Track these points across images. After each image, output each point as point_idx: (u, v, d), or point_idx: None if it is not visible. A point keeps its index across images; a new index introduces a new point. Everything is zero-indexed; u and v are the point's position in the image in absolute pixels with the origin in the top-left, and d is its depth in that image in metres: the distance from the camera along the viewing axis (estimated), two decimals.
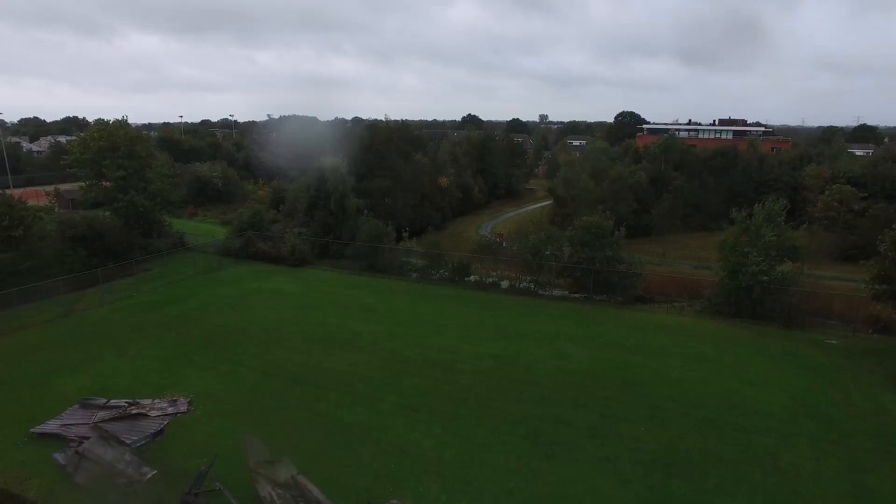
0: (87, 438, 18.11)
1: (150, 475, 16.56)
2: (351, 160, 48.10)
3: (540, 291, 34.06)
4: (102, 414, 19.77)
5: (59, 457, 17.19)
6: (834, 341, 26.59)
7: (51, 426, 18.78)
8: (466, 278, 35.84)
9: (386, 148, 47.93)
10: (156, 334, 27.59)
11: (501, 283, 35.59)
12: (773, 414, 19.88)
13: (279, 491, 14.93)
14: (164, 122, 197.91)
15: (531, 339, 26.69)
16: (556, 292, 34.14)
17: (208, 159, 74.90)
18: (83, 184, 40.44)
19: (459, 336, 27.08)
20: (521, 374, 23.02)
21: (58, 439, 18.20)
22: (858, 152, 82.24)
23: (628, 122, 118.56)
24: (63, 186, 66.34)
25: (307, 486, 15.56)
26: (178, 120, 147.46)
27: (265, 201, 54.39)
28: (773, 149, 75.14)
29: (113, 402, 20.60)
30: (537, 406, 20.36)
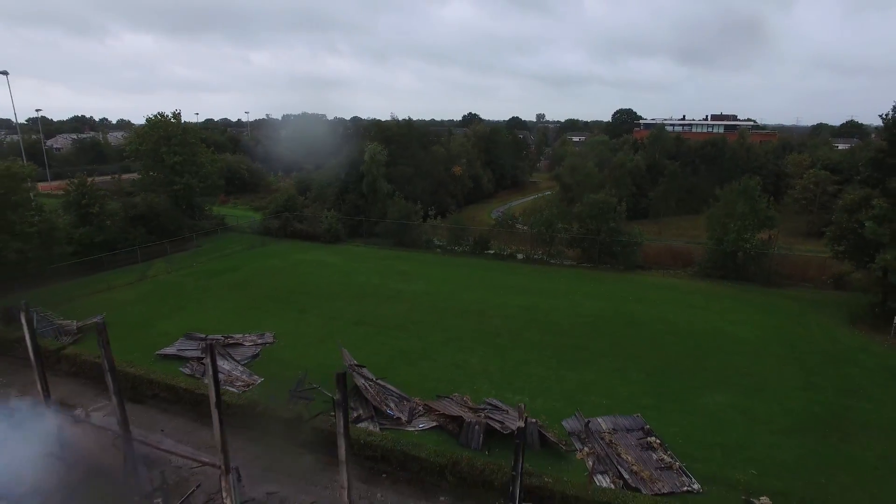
0: (202, 358, 22.74)
1: (259, 381, 21.21)
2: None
3: (551, 261, 38.78)
4: (205, 343, 24.36)
5: (186, 369, 21.81)
6: (803, 295, 31.45)
7: (170, 350, 23.37)
8: (486, 251, 40.51)
9: (407, 139, 52.54)
10: (224, 293, 32.14)
11: (517, 254, 40.28)
12: (749, 342, 24.68)
13: (370, 382, 19.59)
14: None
15: (548, 294, 31.40)
16: (565, 262, 38.86)
17: (231, 153, 79.24)
18: (139, 173, 45.12)
19: (486, 292, 31.75)
20: (543, 317, 27.71)
21: (178, 358, 22.80)
22: (843, 146, 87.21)
23: (626, 120, 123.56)
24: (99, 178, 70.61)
25: (386, 385, 20.25)
26: (190, 119, 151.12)
27: (290, 190, 58.77)
28: (760, 141, 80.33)
29: (210, 336, 25.19)
30: (559, 338, 25.05)
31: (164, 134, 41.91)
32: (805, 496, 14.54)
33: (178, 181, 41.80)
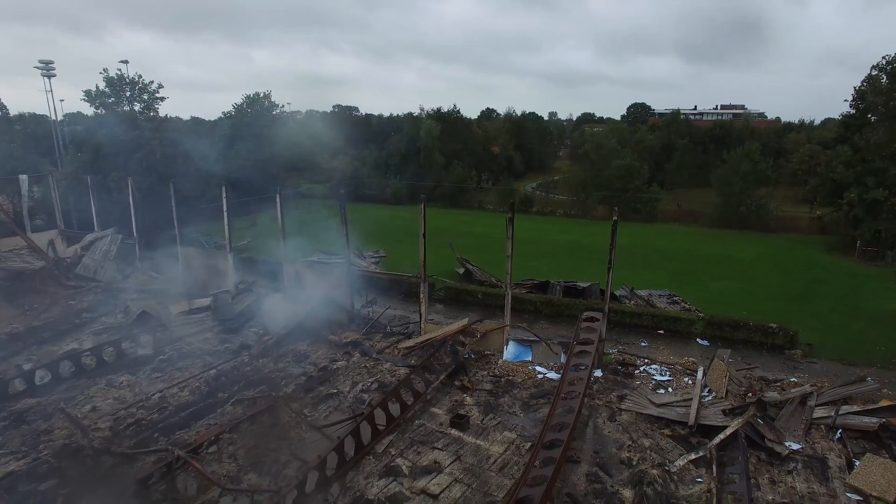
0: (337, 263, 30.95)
1: (389, 279, 29.34)
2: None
3: (585, 216, 46.73)
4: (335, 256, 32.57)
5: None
6: (793, 238, 39.24)
7: (313, 259, 31.63)
8: (530, 209, 48.53)
9: (455, 120, 60.66)
10: (330, 234, 40.36)
11: (556, 212, 48.27)
12: (746, 260, 32.59)
13: (475, 267, 27.72)
14: (190, 118, 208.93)
15: (586, 234, 39.42)
16: (597, 217, 46.78)
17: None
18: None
19: (538, 232, 39.75)
20: (586, 246, 35.69)
21: (320, 264, 31.02)
22: None
23: (640, 112, 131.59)
24: None
25: (483, 271, 28.33)
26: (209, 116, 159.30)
27: (354, 163, 66.99)
28: (765, 127, 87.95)
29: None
30: (601, 255, 32.69)
31: (259, 110, 50.25)
32: (777, 321, 22.46)
33: (268, 151, 50.06)
